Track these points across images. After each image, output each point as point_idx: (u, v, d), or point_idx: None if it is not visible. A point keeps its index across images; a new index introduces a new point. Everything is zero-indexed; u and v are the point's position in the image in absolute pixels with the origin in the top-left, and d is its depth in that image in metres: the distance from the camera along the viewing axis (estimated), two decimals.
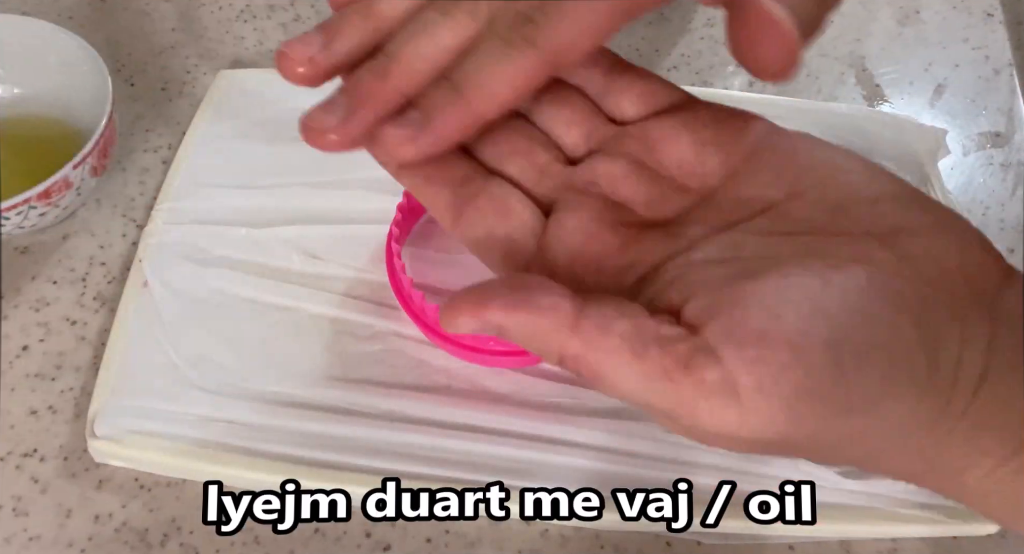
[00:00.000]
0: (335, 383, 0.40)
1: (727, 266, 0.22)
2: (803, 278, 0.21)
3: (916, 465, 0.22)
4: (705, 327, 0.20)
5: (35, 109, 0.49)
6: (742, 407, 0.19)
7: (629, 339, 0.20)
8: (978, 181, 0.51)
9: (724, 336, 0.20)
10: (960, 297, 0.22)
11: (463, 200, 0.24)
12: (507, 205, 0.24)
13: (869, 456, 0.22)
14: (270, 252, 0.44)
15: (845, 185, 0.24)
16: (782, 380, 0.19)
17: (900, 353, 0.20)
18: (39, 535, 0.38)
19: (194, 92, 0.53)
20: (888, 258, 0.22)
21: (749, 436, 0.20)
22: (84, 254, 0.47)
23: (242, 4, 0.58)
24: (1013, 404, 0.21)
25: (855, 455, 0.22)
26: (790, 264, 0.22)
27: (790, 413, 0.20)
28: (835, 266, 0.21)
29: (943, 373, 0.21)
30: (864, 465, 0.23)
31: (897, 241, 0.22)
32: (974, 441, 0.21)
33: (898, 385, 0.20)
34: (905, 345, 0.21)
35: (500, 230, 0.24)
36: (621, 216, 0.24)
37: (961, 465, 0.22)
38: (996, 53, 0.57)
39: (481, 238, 0.24)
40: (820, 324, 0.20)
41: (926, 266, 0.22)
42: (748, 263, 0.22)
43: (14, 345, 0.43)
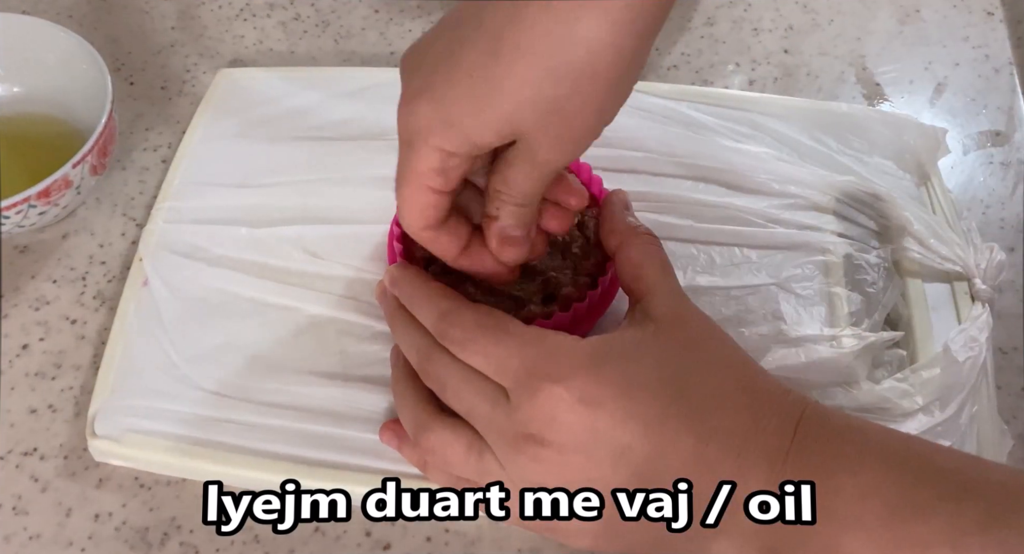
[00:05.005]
0: (335, 383, 0.40)
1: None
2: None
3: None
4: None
5: (35, 108, 0.49)
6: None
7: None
8: (978, 180, 0.51)
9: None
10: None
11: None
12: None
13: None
14: (270, 251, 0.44)
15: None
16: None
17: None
18: (39, 534, 0.38)
19: (194, 91, 0.53)
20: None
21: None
22: (84, 253, 0.47)
23: (242, 3, 0.58)
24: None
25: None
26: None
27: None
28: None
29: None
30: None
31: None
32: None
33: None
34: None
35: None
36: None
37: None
38: (996, 52, 0.56)
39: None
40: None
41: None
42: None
43: (14, 344, 0.43)
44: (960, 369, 0.40)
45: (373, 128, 0.49)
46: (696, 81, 0.55)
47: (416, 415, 0.35)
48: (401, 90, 0.32)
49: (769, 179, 0.46)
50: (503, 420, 0.32)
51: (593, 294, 0.38)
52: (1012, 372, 0.44)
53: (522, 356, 0.32)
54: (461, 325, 0.33)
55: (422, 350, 0.35)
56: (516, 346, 0.32)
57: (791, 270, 0.43)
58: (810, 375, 0.40)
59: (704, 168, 0.47)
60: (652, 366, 0.31)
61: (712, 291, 0.43)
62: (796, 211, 0.45)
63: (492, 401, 0.32)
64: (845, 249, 0.44)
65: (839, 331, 0.41)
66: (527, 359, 0.32)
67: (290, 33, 0.57)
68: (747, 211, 0.45)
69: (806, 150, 0.48)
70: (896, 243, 0.45)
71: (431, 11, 0.58)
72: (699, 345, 0.33)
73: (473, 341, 0.33)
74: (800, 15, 0.58)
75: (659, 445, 0.30)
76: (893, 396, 0.39)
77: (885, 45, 0.57)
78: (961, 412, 0.39)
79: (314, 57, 0.56)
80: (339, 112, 0.49)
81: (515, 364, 0.32)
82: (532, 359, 0.32)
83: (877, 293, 0.43)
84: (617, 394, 0.30)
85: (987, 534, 0.27)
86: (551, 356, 0.32)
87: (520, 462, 0.31)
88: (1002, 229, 0.49)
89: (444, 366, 0.34)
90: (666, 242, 0.38)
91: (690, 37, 0.57)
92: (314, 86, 0.51)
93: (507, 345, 0.32)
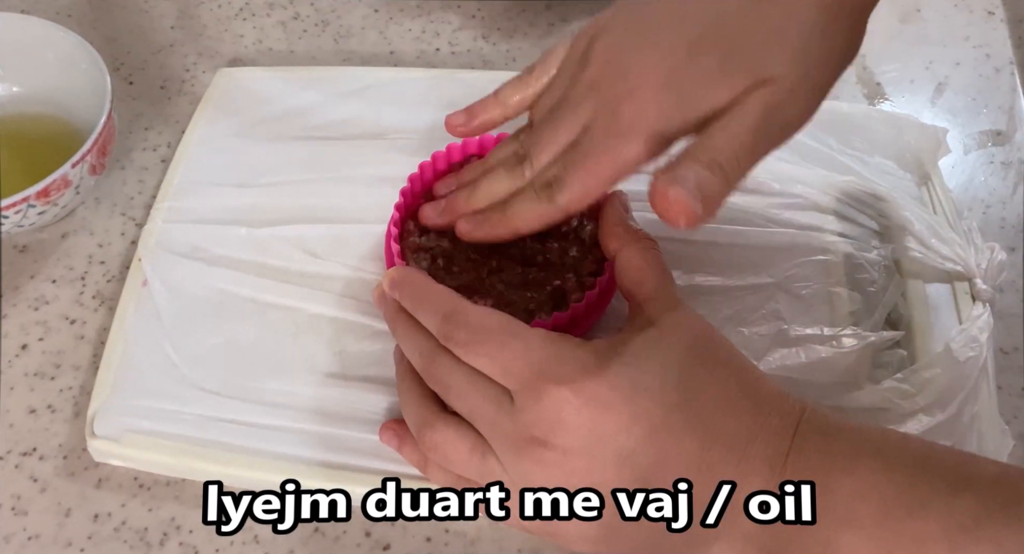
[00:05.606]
0: (335, 383, 0.40)
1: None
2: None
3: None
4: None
5: (34, 107, 0.49)
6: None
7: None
8: (979, 180, 0.51)
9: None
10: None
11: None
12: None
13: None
14: (270, 251, 0.44)
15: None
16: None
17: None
18: (38, 534, 0.38)
19: (193, 90, 0.53)
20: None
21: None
22: (83, 253, 0.47)
23: (241, 2, 0.58)
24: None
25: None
26: None
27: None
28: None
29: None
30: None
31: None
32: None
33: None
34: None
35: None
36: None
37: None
38: (997, 51, 0.56)
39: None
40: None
41: None
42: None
43: (13, 344, 0.43)
44: (961, 369, 0.40)
45: (373, 128, 0.49)
46: None
47: (420, 412, 0.35)
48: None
49: (769, 179, 0.46)
50: (507, 423, 0.32)
51: (591, 295, 0.38)
52: (1013, 372, 0.44)
53: (527, 358, 0.32)
54: (466, 327, 0.33)
55: (425, 353, 0.35)
56: (521, 348, 0.32)
57: (791, 270, 0.43)
58: (810, 375, 0.40)
59: None
60: (656, 370, 0.31)
61: (712, 291, 0.43)
62: (796, 211, 0.45)
63: (496, 403, 0.32)
64: (846, 249, 0.44)
65: (839, 331, 0.41)
66: (532, 361, 0.32)
67: (290, 32, 0.57)
68: (747, 211, 0.45)
69: (807, 150, 0.48)
70: (897, 243, 0.45)
71: (431, 11, 0.58)
72: (701, 350, 0.33)
73: (478, 343, 0.33)
74: None
75: (663, 449, 0.30)
76: (893, 396, 0.39)
77: (886, 44, 0.57)
78: (961, 412, 0.39)
79: (314, 57, 0.56)
80: (339, 112, 0.49)
81: (520, 366, 0.32)
82: (538, 361, 0.32)
83: (877, 293, 0.43)
84: (622, 397, 0.30)
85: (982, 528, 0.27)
86: (557, 358, 0.32)
87: (524, 465, 0.31)
88: (1003, 229, 0.49)
89: (448, 368, 0.34)
90: (665, 242, 0.38)
91: None
92: (314, 86, 0.51)
93: (512, 347, 0.32)
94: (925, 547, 0.28)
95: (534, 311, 0.38)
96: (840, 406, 0.39)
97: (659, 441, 0.30)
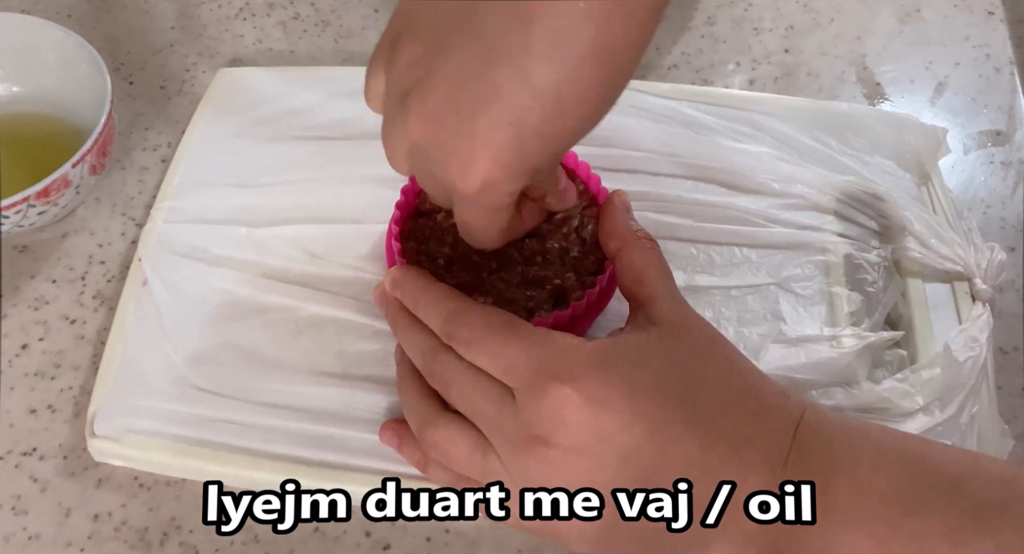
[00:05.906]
0: (335, 383, 0.40)
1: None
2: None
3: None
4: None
5: (34, 107, 0.49)
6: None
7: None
8: (979, 180, 0.51)
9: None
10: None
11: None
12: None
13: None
14: (270, 251, 0.44)
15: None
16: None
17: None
18: (38, 534, 0.38)
19: (193, 90, 0.53)
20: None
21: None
22: (83, 253, 0.47)
23: (241, 2, 0.58)
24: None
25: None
26: None
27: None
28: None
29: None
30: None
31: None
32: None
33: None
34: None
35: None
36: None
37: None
38: (997, 51, 0.56)
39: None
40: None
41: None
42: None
43: (13, 344, 0.43)
44: (960, 369, 0.40)
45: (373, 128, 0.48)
46: (696, 81, 0.55)
47: (421, 410, 0.35)
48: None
49: (769, 179, 0.46)
50: (509, 421, 0.32)
51: (591, 293, 0.38)
52: (1012, 372, 0.44)
53: (530, 356, 0.32)
54: (468, 325, 0.33)
55: (427, 352, 0.35)
56: (524, 347, 0.32)
57: (791, 270, 0.43)
58: (810, 375, 0.40)
59: (704, 168, 0.47)
60: (657, 370, 0.31)
61: (712, 291, 0.43)
62: (796, 211, 0.45)
63: (498, 402, 0.32)
64: (845, 249, 0.44)
65: (839, 331, 0.41)
66: (535, 359, 0.32)
67: (290, 32, 0.57)
68: (747, 211, 0.45)
69: (806, 150, 0.48)
70: (896, 243, 0.45)
71: None
72: (702, 350, 0.33)
73: (480, 341, 0.33)
74: (801, 15, 0.58)
75: (664, 449, 0.30)
76: (893, 396, 0.39)
77: (886, 45, 0.57)
78: (961, 412, 0.39)
79: (314, 57, 0.56)
80: (339, 111, 0.49)
81: (523, 364, 0.32)
82: (540, 359, 0.32)
83: (877, 293, 0.43)
84: (624, 396, 0.30)
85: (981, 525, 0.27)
86: (559, 357, 0.32)
87: (525, 463, 0.31)
88: (1003, 229, 0.49)
89: (450, 367, 0.34)
90: (666, 242, 0.38)
91: (690, 36, 0.57)
92: (314, 86, 0.51)
93: (515, 345, 0.32)
94: (926, 545, 0.28)
95: (534, 309, 0.38)
96: (840, 406, 0.39)
97: (660, 440, 0.30)
